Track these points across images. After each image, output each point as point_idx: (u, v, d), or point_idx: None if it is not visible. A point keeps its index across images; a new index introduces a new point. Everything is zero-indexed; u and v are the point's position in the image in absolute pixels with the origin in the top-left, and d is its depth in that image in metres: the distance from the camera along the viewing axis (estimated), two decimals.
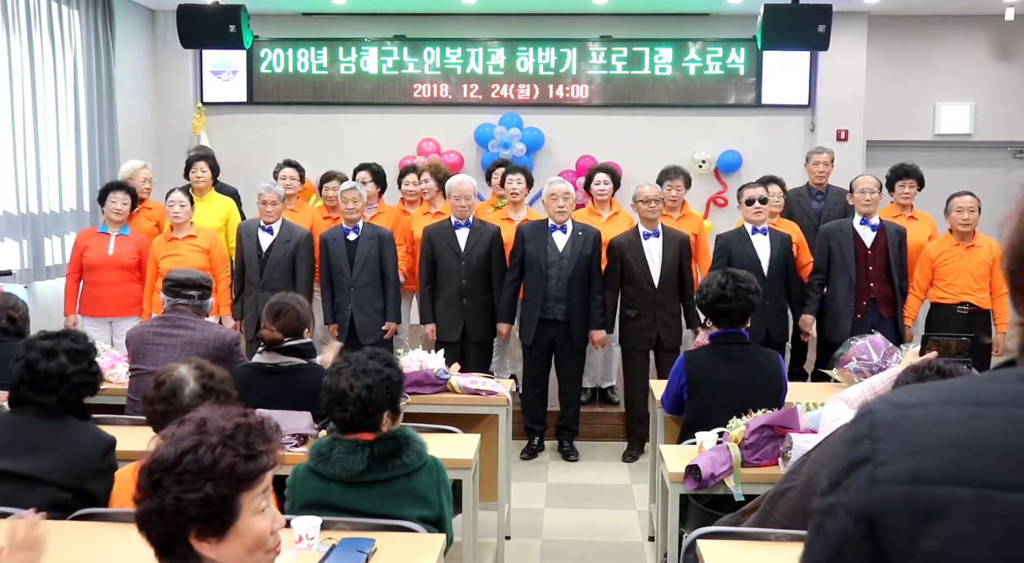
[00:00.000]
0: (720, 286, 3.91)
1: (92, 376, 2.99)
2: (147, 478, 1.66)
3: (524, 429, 6.05)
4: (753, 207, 5.78)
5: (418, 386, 4.39)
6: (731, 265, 5.41)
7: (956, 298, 5.84)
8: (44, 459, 2.82)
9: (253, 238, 6.08)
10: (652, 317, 5.78)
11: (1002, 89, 8.84)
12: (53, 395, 2.89)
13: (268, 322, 3.91)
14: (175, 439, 1.68)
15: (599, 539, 4.84)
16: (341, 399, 2.82)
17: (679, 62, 8.85)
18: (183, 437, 1.68)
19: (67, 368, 2.90)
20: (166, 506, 1.63)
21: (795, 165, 7.84)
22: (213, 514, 1.65)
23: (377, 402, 2.82)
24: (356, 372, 2.84)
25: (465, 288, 5.93)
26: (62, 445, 2.87)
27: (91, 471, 2.87)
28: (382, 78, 8.96)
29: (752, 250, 5.76)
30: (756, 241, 5.79)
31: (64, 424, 2.91)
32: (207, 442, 1.67)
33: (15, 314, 4.19)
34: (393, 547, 2.63)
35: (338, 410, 2.84)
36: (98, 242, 6.01)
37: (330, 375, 2.88)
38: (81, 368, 2.94)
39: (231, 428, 1.70)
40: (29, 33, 6.74)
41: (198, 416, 1.73)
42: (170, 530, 1.65)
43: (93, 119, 7.54)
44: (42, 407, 2.89)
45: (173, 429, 1.72)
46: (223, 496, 1.66)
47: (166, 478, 1.64)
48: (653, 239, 5.85)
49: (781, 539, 2.66)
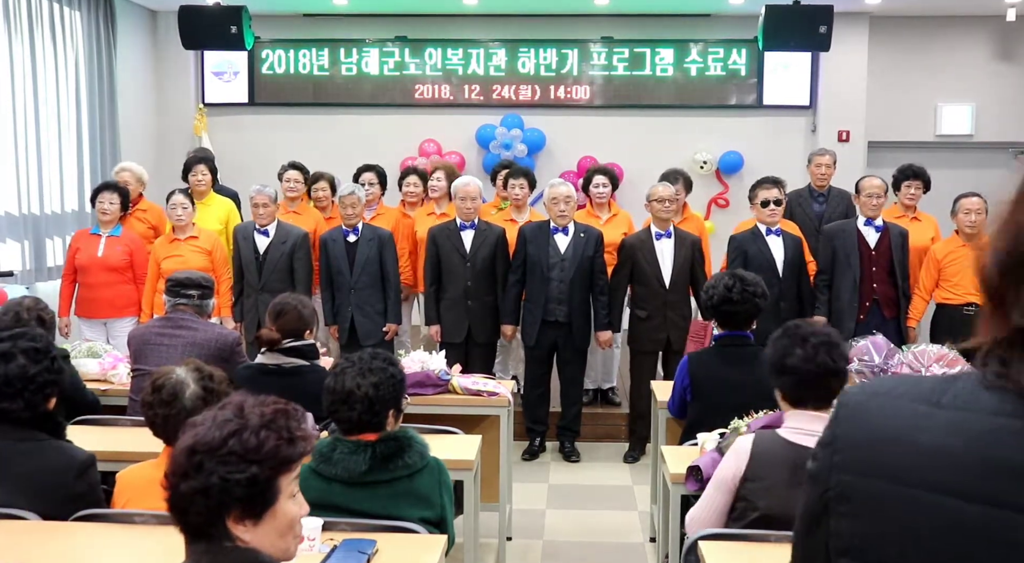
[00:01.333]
0: (727, 289, 3.89)
1: (56, 374, 2.85)
2: (188, 459, 1.68)
3: (525, 430, 6.05)
4: (768, 209, 5.75)
5: (419, 387, 4.39)
6: (747, 266, 5.41)
7: (962, 299, 5.83)
8: (15, 490, 2.69)
9: (249, 241, 6.08)
10: (663, 318, 5.77)
11: (1003, 90, 8.84)
12: (19, 400, 2.75)
13: (269, 322, 3.92)
14: (216, 422, 1.71)
15: (600, 540, 4.84)
16: (347, 398, 2.81)
17: (680, 63, 8.85)
18: (225, 420, 1.71)
19: (28, 369, 2.77)
20: (211, 485, 1.65)
21: (796, 166, 7.85)
22: (256, 494, 1.69)
23: (384, 400, 2.83)
24: (362, 371, 2.84)
25: (470, 289, 5.92)
26: (33, 472, 2.73)
27: (68, 496, 2.74)
28: (383, 79, 8.96)
29: (768, 251, 5.75)
30: (771, 242, 5.77)
31: (34, 446, 2.76)
32: (250, 425, 1.71)
33: (45, 316, 4.16)
34: (394, 548, 2.63)
35: (344, 410, 2.82)
36: (88, 243, 6.00)
37: (334, 376, 2.87)
38: (43, 367, 2.80)
39: (270, 413, 1.74)
40: (31, 34, 6.75)
41: (236, 401, 1.77)
42: (210, 511, 1.67)
43: (94, 120, 7.54)
44: (10, 419, 2.75)
45: (212, 413, 1.75)
46: (266, 478, 1.70)
47: (209, 459, 1.67)
48: (665, 240, 5.84)
49: (781, 540, 2.66)
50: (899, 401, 1.05)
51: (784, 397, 2.84)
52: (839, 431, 1.09)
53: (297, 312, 3.91)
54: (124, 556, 2.63)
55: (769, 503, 2.71)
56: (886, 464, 1.02)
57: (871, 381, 1.13)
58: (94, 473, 2.84)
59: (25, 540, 2.60)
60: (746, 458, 2.76)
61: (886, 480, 1.02)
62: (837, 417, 1.10)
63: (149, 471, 2.79)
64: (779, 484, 2.69)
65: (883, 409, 1.05)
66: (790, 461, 2.68)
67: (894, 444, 1.02)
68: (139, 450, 3.21)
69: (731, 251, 5.86)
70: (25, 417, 2.78)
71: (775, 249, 5.76)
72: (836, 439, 1.08)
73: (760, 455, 2.74)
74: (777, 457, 2.72)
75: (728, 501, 2.79)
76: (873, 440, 1.04)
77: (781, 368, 2.79)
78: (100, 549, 2.63)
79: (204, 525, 1.68)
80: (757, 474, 2.74)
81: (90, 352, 4.82)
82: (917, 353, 4.40)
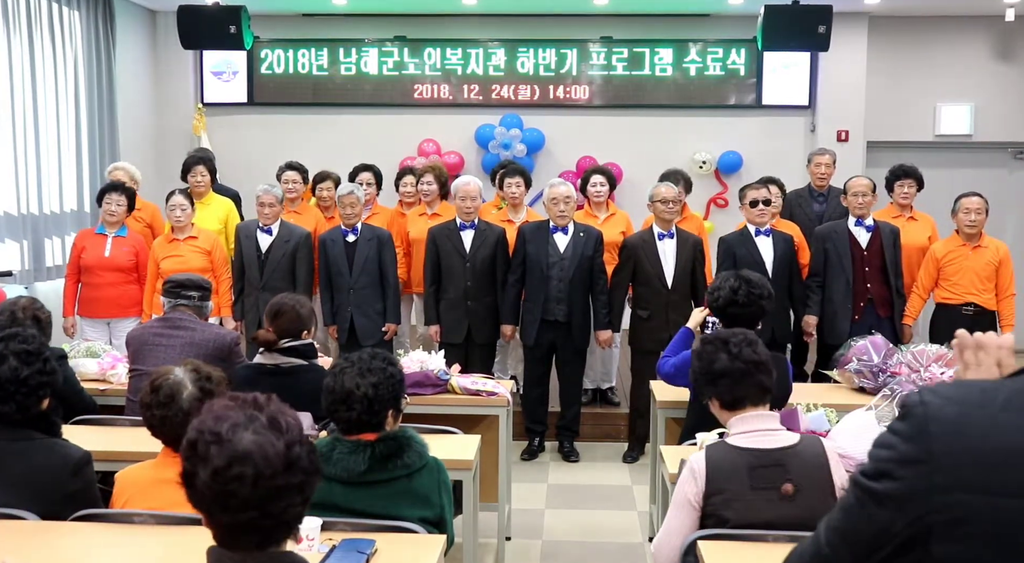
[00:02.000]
0: (732, 291, 3.85)
1: (48, 376, 2.83)
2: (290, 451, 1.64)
3: (524, 430, 6.05)
4: (757, 209, 5.77)
5: (419, 387, 4.39)
6: (736, 267, 5.41)
7: (961, 299, 5.84)
8: (10, 489, 2.69)
9: (252, 239, 6.08)
10: (664, 318, 5.76)
11: (1002, 90, 8.84)
12: (11, 402, 2.75)
13: (267, 322, 3.92)
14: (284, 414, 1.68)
15: (599, 540, 4.84)
16: (347, 398, 2.80)
17: (679, 63, 8.85)
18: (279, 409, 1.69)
19: (20, 371, 2.76)
20: (305, 482, 1.68)
21: (796, 166, 7.85)
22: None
23: (383, 400, 2.83)
24: (361, 371, 2.84)
25: (470, 290, 5.92)
26: (28, 470, 2.73)
27: (64, 495, 2.74)
28: (382, 79, 8.96)
29: (756, 251, 5.76)
30: (760, 242, 5.78)
31: (28, 446, 2.76)
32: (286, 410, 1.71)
33: (41, 316, 4.15)
34: (393, 548, 2.63)
35: (343, 410, 2.82)
36: (95, 243, 6.01)
37: (333, 376, 2.86)
38: (35, 369, 2.79)
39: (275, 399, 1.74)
40: (30, 34, 6.75)
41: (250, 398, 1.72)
42: (301, 507, 1.69)
43: (94, 120, 7.54)
44: (3, 420, 2.74)
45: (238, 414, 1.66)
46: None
47: (302, 446, 1.67)
48: (668, 240, 5.84)
49: (780, 540, 2.66)
50: (988, 411, 0.99)
51: (721, 405, 2.91)
52: (936, 447, 0.99)
53: (295, 312, 3.91)
54: (124, 556, 2.62)
55: (736, 512, 2.71)
56: (1010, 480, 0.95)
57: (933, 389, 1.04)
58: (90, 471, 2.83)
59: (24, 540, 2.59)
60: (703, 475, 2.76)
61: (1013, 497, 0.94)
62: (926, 432, 1.01)
63: (148, 471, 2.79)
64: (742, 492, 2.71)
65: (982, 422, 0.99)
66: (745, 466, 2.72)
67: (1016, 457, 0.95)
68: (137, 450, 3.21)
69: (720, 253, 5.87)
70: (18, 418, 2.78)
71: (764, 250, 5.77)
72: (933, 457, 0.99)
73: (715, 469, 2.75)
74: (732, 466, 2.74)
75: (694, 520, 2.78)
76: (987, 454, 0.97)
77: (712, 375, 2.89)
78: (99, 549, 2.63)
79: (287, 528, 1.68)
80: (718, 488, 2.74)
81: (89, 352, 4.82)
82: (916, 353, 4.40)
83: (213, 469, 1.60)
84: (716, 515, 2.76)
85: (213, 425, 1.64)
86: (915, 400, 1.05)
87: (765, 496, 2.70)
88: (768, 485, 2.70)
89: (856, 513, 1.05)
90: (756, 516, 2.71)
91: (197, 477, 1.62)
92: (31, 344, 2.84)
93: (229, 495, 1.60)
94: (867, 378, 4.45)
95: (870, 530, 1.03)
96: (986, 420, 0.99)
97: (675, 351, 4.16)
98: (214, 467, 1.60)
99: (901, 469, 1.01)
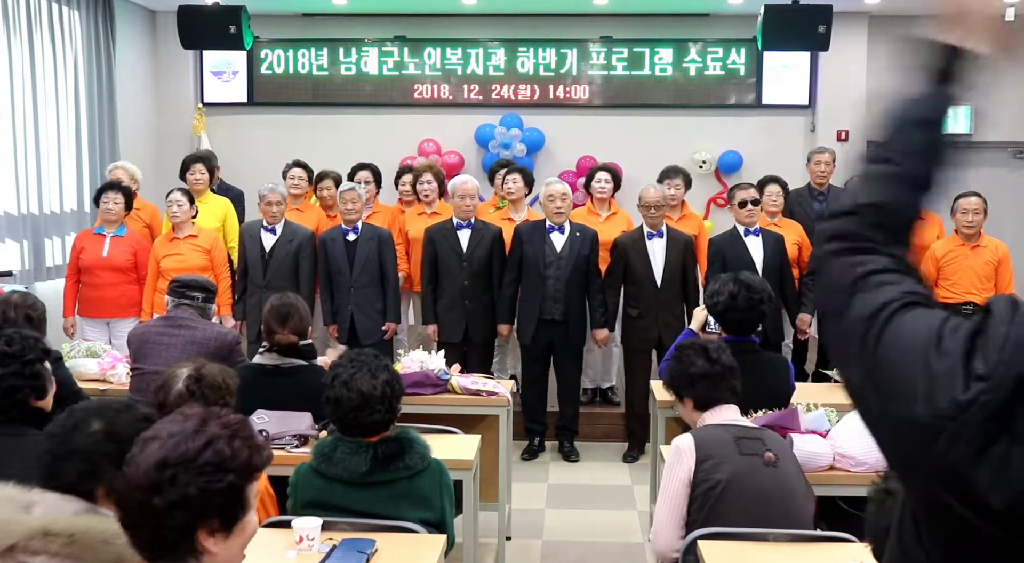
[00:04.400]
0: (732, 296, 3.83)
1: (29, 379, 2.77)
2: (160, 472, 1.63)
3: (524, 429, 6.06)
4: (746, 209, 5.79)
5: (419, 387, 4.39)
6: (726, 268, 5.42)
7: (961, 298, 5.85)
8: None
9: (256, 238, 6.08)
10: (654, 317, 5.78)
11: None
12: None
13: (277, 326, 3.86)
14: (184, 435, 1.67)
15: (600, 540, 4.84)
16: (367, 402, 2.77)
17: (679, 62, 8.85)
18: (193, 431, 1.68)
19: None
20: (190, 497, 1.62)
21: (796, 165, 7.84)
22: (233, 504, 1.67)
23: (398, 396, 2.86)
24: (372, 371, 2.83)
25: (467, 289, 5.92)
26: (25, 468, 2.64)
27: None
28: (382, 79, 8.96)
29: (745, 252, 5.77)
30: (749, 243, 5.80)
31: (23, 443, 2.71)
32: (221, 436, 1.68)
33: (33, 313, 4.13)
34: (394, 548, 2.63)
35: (365, 414, 2.78)
36: (93, 243, 6.01)
37: (343, 384, 2.80)
38: (11, 371, 2.73)
39: (235, 423, 1.73)
40: (30, 34, 6.75)
41: (196, 413, 1.73)
42: (187, 525, 1.64)
43: (94, 120, 7.54)
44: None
45: (168, 427, 1.70)
46: (240, 487, 1.69)
47: (185, 471, 1.63)
48: (657, 239, 5.85)
49: (780, 539, 2.66)
50: None
51: (695, 405, 3.12)
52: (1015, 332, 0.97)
53: (300, 313, 3.91)
54: None
55: (728, 473, 2.84)
56: None
57: None
58: None
59: None
60: (692, 448, 2.92)
61: None
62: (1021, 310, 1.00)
63: None
64: (730, 455, 2.88)
65: None
66: (731, 437, 2.93)
67: None
68: None
69: (710, 254, 5.90)
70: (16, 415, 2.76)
71: (754, 250, 5.78)
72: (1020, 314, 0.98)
73: (703, 440, 2.94)
74: (719, 437, 2.94)
75: (685, 499, 2.90)
76: None
77: (689, 378, 3.11)
78: None
79: (176, 541, 1.64)
80: (707, 454, 2.90)
81: (89, 352, 4.82)
82: None
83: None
84: (709, 479, 2.85)
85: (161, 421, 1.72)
86: None
87: (751, 462, 2.86)
88: (752, 453, 2.88)
89: None
90: (746, 478, 2.83)
91: None
92: (13, 346, 2.80)
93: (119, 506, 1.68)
94: None
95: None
96: None
97: None
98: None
99: None
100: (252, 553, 1.76)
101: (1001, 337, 0.97)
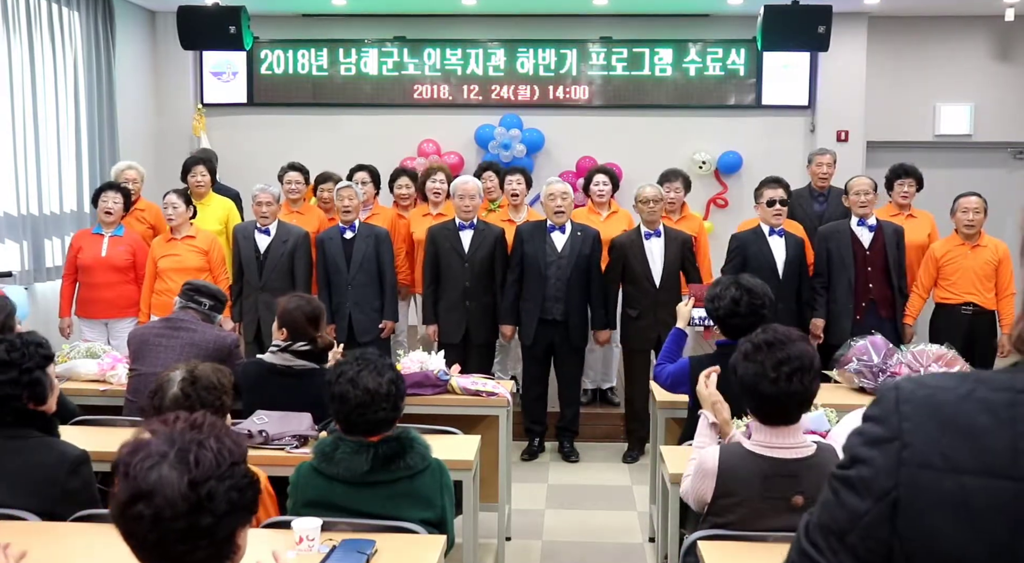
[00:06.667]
0: (734, 302, 3.81)
1: (27, 387, 2.75)
2: (194, 491, 1.53)
3: (524, 430, 6.05)
4: (774, 208, 5.73)
5: (418, 387, 4.39)
6: (746, 265, 5.40)
7: (961, 298, 5.84)
8: (7, 487, 2.67)
9: (250, 240, 6.08)
10: (653, 317, 5.77)
11: (1002, 90, 8.84)
12: None
13: (312, 329, 3.85)
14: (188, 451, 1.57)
15: (599, 540, 4.84)
16: (373, 399, 2.78)
17: (679, 63, 8.85)
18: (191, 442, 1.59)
19: None
20: (234, 502, 1.56)
21: (795, 166, 7.85)
22: (257, 492, 1.64)
23: (402, 393, 2.87)
24: (376, 370, 2.83)
25: (468, 290, 5.92)
26: (24, 468, 2.71)
27: (62, 493, 2.71)
28: (382, 79, 8.96)
29: (769, 251, 5.73)
30: (773, 243, 5.75)
31: (24, 444, 2.73)
32: (212, 434, 1.62)
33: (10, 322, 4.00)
34: (394, 548, 2.63)
35: (372, 412, 2.79)
36: (91, 243, 6.00)
37: (349, 382, 2.80)
38: (9, 379, 2.72)
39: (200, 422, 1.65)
40: (29, 34, 6.75)
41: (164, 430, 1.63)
42: (231, 532, 1.59)
43: (93, 120, 7.54)
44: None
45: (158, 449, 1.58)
46: (254, 474, 1.66)
47: (217, 482, 1.55)
48: (655, 239, 5.85)
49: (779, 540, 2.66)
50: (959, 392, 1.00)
51: (755, 413, 2.87)
52: (906, 426, 1.00)
53: (324, 313, 3.94)
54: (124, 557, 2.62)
55: (742, 515, 2.73)
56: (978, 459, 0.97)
57: (913, 377, 1.06)
58: (87, 470, 2.82)
59: (25, 541, 2.58)
60: (714, 476, 2.77)
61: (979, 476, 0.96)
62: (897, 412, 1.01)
63: None
64: (751, 498, 2.72)
65: (953, 401, 0.99)
66: (760, 473, 2.71)
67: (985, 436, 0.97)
68: None
69: (731, 250, 5.84)
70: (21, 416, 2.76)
71: (776, 250, 5.75)
72: (902, 434, 0.99)
73: (728, 470, 2.75)
74: (747, 472, 2.74)
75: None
76: (956, 432, 0.98)
77: (754, 393, 2.79)
78: (100, 549, 2.62)
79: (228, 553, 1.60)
80: (727, 490, 2.75)
81: (89, 352, 4.82)
82: (916, 353, 4.40)
83: (117, 503, 1.54)
84: (721, 514, 2.77)
85: (128, 454, 1.55)
86: (889, 385, 1.06)
87: (773, 505, 2.70)
88: (779, 496, 2.70)
89: (832, 504, 1.05)
90: (760, 523, 2.71)
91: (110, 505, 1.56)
92: (12, 353, 2.77)
93: (129, 534, 1.54)
94: (867, 378, 4.45)
95: (844, 517, 1.03)
96: (957, 400, 0.99)
97: (669, 355, 4.14)
98: (118, 501, 1.54)
99: (871, 450, 1.02)
100: (252, 553, 1.76)
101: None
